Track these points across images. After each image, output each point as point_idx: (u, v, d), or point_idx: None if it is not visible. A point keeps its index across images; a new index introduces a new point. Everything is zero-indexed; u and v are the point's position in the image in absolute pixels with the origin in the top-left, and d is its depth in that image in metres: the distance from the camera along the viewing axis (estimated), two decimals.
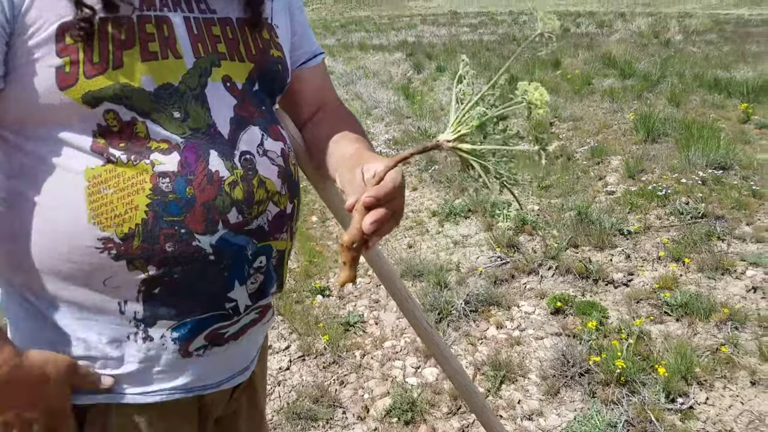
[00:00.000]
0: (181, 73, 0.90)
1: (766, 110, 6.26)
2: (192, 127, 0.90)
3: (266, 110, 1.03)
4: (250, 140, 0.96)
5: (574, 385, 2.61)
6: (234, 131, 0.94)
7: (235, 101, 0.96)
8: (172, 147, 0.88)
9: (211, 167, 0.90)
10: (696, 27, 13.49)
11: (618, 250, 3.71)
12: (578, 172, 4.96)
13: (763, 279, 3.19)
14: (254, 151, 0.96)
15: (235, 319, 0.98)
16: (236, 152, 0.93)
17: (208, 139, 0.91)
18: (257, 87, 1.01)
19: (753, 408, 2.35)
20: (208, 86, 0.93)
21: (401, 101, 7.95)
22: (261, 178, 0.96)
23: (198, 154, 0.89)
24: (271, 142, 1.00)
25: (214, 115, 0.92)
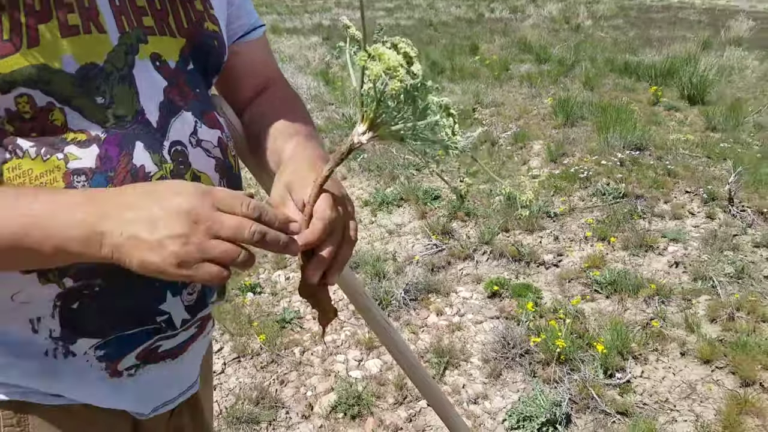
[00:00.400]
0: (106, 51, 0.77)
1: (673, 93, 6.61)
2: (117, 114, 0.78)
3: (201, 93, 0.91)
4: (182, 129, 0.84)
5: (516, 366, 2.67)
6: (164, 118, 0.82)
7: (166, 83, 0.84)
8: (91, 139, 0.75)
9: (136, 161, 0.78)
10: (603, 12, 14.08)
11: (546, 232, 3.82)
12: (503, 158, 5.06)
13: (683, 254, 3.37)
14: (186, 141, 0.85)
15: (170, 333, 0.87)
16: (166, 143, 0.81)
17: (135, 128, 0.79)
18: (191, 66, 0.89)
19: (684, 378, 2.48)
20: (136, 65, 0.80)
21: (321, 87, 7.84)
22: (195, 172, 0.85)
23: (121, 146, 0.77)
24: (206, 130, 0.88)
25: (142, 100, 0.80)
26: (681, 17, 14.21)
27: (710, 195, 3.97)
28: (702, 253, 3.37)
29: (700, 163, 4.64)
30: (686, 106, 6.24)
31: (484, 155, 5.10)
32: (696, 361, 2.56)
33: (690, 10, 15.89)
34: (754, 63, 7.76)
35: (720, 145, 4.91)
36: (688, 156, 4.79)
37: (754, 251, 3.37)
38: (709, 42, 9.20)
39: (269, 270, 3.58)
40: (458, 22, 14.87)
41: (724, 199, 3.87)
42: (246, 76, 1.08)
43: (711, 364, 2.53)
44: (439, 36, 12.33)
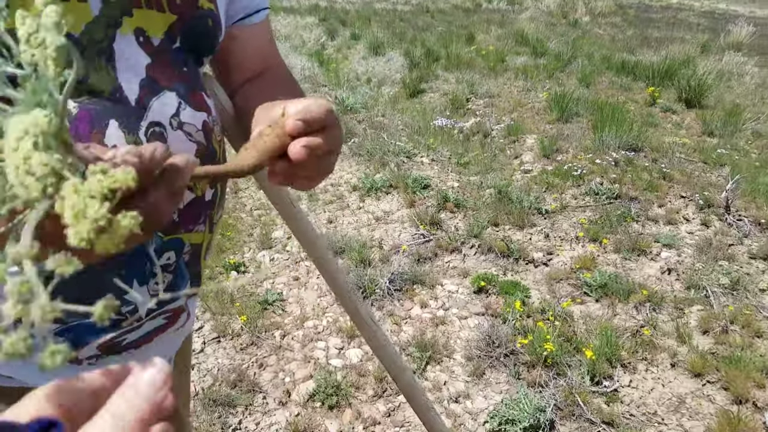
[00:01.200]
0: (84, 21, 0.70)
1: (670, 94, 6.53)
2: (91, 89, 0.71)
3: (189, 73, 0.84)
4: (163, 109, 0.78)
5: (500, 367, 2.57)
6: (144, 97, 0.76)
7: (149, 60, 0.77)
8: None
9: (108, 141, 0.72)
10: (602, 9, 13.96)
11: (537, 229, 3.71)
12: (495, 150, 4.95)
13: (676, 261, 3.29)
14: (166, 122, 0.78)
15: (135, 324, 0.82)
16: (143, 123, 0.75)
17: (110, 105, 0.73)
18: (178, 44, 0.82)
19: (673, 390, 2.39)
20: (117, 39, 0.73)
21: (315, 68, 7.66)
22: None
23: (93, 123, 0.71)
24: (190, 112, 0.82)
25: (120, 76, 0.74)
26: (680, 18, 14.15)
27: (706, 201, 3.88)
28: (696, 261, 3.28)
29: (697, 168, 4.56)
30: (683, 109, 6.16)
31: (476, 147, 4.98)
32: (686, 374, 2.48)
33: (689, 12, 15.84)
34: (754, 69, 7.70)
35: (717, 151, 4.84)
36: (684, 160, 4.70)
37: (750, 262, 3.28)
38: (708, 45, 9.13)
39: (254, 249, 3.46)
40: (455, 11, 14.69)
41: (720, 207, 3.79)
42: (243, 62, 1.01)
43: (702, 378, 2.44)
44: (435, 23, 12.16)
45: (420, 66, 7.71)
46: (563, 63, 8.08)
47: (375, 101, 6.19)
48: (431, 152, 4.84)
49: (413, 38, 9.80)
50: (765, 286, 3.04)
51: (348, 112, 5.80)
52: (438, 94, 6.70)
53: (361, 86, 6.83)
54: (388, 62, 7.95)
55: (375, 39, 9.04)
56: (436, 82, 7.18)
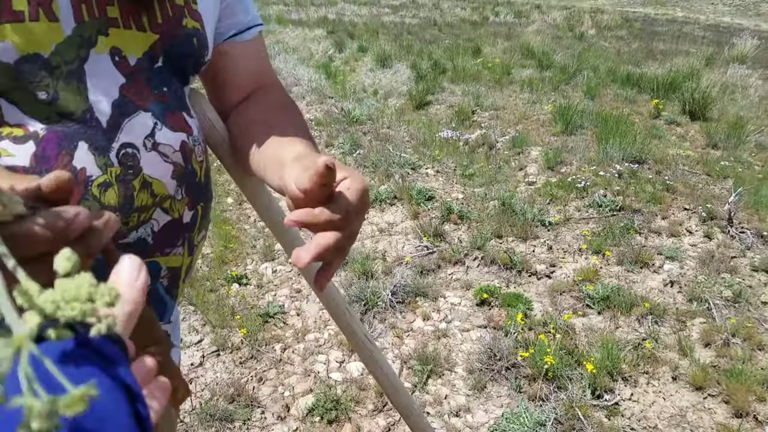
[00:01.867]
0: (55, 42, 0.69)
1: (674, 107, 6.54)
2: (61, 111, 0.70)
3: (168, 93, 0.82)
4: (136, 130, 0.76)
5: (501, 380, 2.57)
6: (116, 118, 0.74)
7: (124, 80, 0.76)
8: (28, 135, 0.68)
9: (77, 163, 0.70)
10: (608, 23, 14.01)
11: (540, 241, 3.72)
12: (500, 162, 4.97)
13: (679, 273, 3.29)
14: (140, 143, 0.76)
15: None
16: (114, 145, 0.74)
17: (80, 127, 0.71)
18: (161, 63, 0.81)
19: (675, 403, 2.39)
20: (90, 60, 0.72)
21: (323, 80, 7.72)
22: (146, 178, 0.76)
23: (61, 145, 0.69)
24: (166, 132, 0.80)
25: (91, 97, 0.72)
26: (685, 32, 14.17)
27: (709, 214, 3.88)
28: (698, 273, 3.28)
29: (700, 181, 4.56)
30: (687, 121, 6.17)
31: (480, 158, 5.00)
32: (688, 387, 2.47)
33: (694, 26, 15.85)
34: (758, 82, 7.70)
35: (720, 163, 4.84)
36: (687, 172, 4.71)
37: (753, 275, 3.28)
38: (712, 58, 9.14)
39: (257, 261, 3.48)
40: (463, 24, 14.77)
41: (723, 219, 3.79)
42: (235, 79, 0.99)
43: (703, 391, 2.44)
44: (443, 36, 12.23)
45: (426, 78, 7.76)
46: (569, 76, 8.12)
47: (381, 113, 6.23)
48: (436, 164, 4.87)
49: (420, 51, 9.85)
50: (767, 299, 3.03)
51: (354, 124, 5.84)
52: (444, 106, 6.74)
53: (368, 98, 6.87)
54: (395, 74, 8.01)
55: (382, 51, 9.10)
56: (443, 95, 7.22)
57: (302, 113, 1.01)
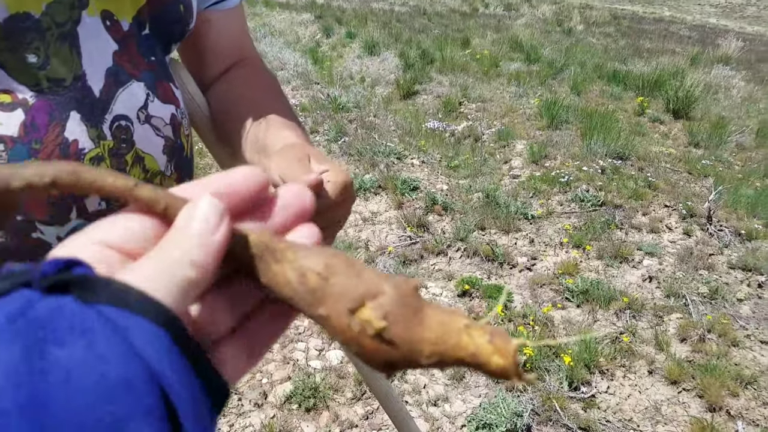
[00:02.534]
0: (45, 2, 0.64)
1: (658, 105, 6.59)
2: (51, 77, 0.65)
3: (156, 62, 0.78)
4: (130, 101, 0.72)
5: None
6: (109, 87, 0.70)
7: (117, 46, 0.71)
8: (17, 102, 0.63)
9: (68, 135, 0.66)
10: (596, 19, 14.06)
11: (522, 234, 3.74)
12: (485, 154, 4.98)
13: (658, 269, 3.33)
14: (133, 116, 0.73)
15: None
16: (107, 116, 0.70)
17: (72, 95, 0.67)
18: (147, 30, 0.76)
19: (650, 397, 2.43)
20: (82, 22, 0.67)
21: (309, 65, 7.67)
22: (138, 152, 0.73)
23: (52, 114, 0.65)
24: (158, 105, 0.77)
25: (84, 63, 0.68)
26: (672, 31, 14.27)
27: (689, 211, 3.93)
28: (677, 269, 3.33)
29: (681, 178, 4.61)
30: (671, 120, 6.23)
31: (466, 150, 5.01)
32: (663, 381, 2.51)
33: (681, 25, 15.97)
34: (740, 83, 7.79)
35: (701, 162, 4.89)
36: (669, 170, 4.76)
37: (729, 272, 3.33)
38: (697, 58, 9.22)
39: None
40: (452, 14, 14.73)
41: (702, 217, 3.84)
42: (216, 48, 0.95)
43: (678, 386, 2.48)
44: (432, 26, 12.19)
45: (414, 67, 7.73)
46: (556, 70, 8.14)
47: (368, 101, 6.21)
48: (422, 154, 4.87)
49: (409, 39, 9.81)
50: (742, 296, 3.08)
51: (340, 111, 5.81)
52: (431, 96, 6.72)
53: (355, 85, 6.84)
54: (383, 62, 7.97)
55: (370, 38, 9.05)
56: (430, 85, 7.21)
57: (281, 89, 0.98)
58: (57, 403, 0.20)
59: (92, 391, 0.21)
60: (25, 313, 0.22)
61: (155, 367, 0.23)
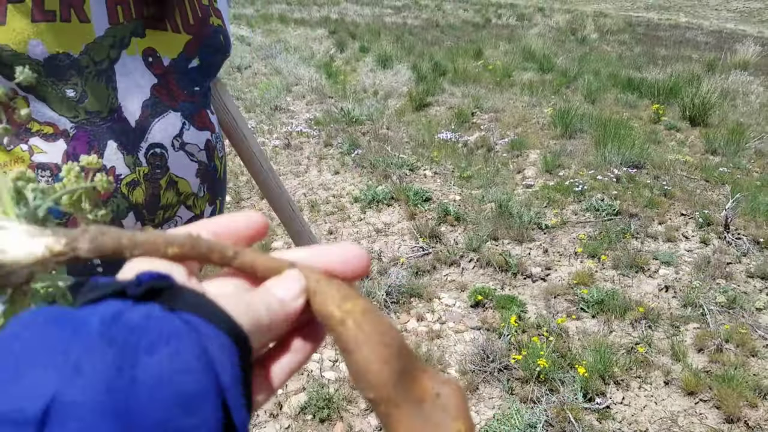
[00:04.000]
0: (85, 42, 0.70)
1: (674, 112, 6.54)
2: (89, 109, 0.71)
3: (199, 92, 0.85)
4: (166, 130, 0.78)
5: (494, 381, 2.57)
6: (145, 118, 0.76)
7: (155, 80, 0.78)
8: (58, 132, 0.69)
9: (106, 162, 0.73)
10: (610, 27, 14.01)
11: (536, 243, 3.72)
12: (498, 164, 4.97)
13: (674, 278, 3.28)
14: (168, 143, 0.79)
15: None
16: (143, 144, 0.76)
17: (109, 126, 0.73)
18: (196, 63, 0.83)
19: (666, 408, 2.39)
20: (121, 60, 0.73)
21: (323, 80, 7.73)
22: (172, 177, 0.79)
23: (91, 144, 0.71)
24: (193, 132, 0.83)
25: (121, 97, 0.74)
26: (688, 37, 14.17)
27: (706, 219, 3.88)
28: (694, 279, 3.28)
29: (698, 186, 4.56)
30: (687, 127, 6.17)
31: (479, 161, 5.00)
32: (680, 392, 2.47)
33: (697, 31, 15.85)
34: (759, 89, 7.70)
35: (719, 170, 4.84)
36: (685, 178, 4.71)
37: (748, 281, 3.28)
38: (714, 64, 9.14)
39: None
40: (465, 25, 14.77)
41: (719, 225, 3.79)
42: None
43: (695, 396, 2.44)
44: (444, 38, 12.24)
45: (427, 79, 7.76)
46: (569, 79, 8.12)
47: (381, 113, 6.24)
48: (434, 165, 4.87)
49: (421, 52, 9.86)
50: (761, 305, 3.03)
51: (353, 124, 5.84)
52: (444, 107, 6.74)
53: (368, 98, 6.88)
54: (396, 75, 8.01)
55: (383, 52, 9.10)
56: (443, 96, 7.22)
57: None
58: (141, 412, 0.21)
59: (174, 403, 0.22)
60: (119, 318, 0.24)
61: (224, 382, 0.24)
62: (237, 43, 10.13)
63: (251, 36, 11.10)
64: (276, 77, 7.80)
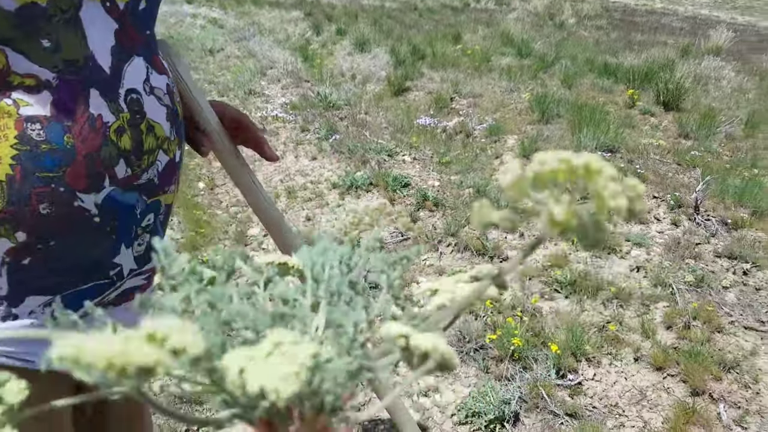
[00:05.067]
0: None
1: (649, 97, 6.64)
2: (66, 58, 0.72)
3: (150, 36, 0.87)
4: (137, 75, 0.80)
5: (470, 361, 2.64)
6: (116, 64, 0.78)
7: (116, 25, 0.78)
8: (41, 84, 0.70)
9: (93, 110, 0.74)
10: (588, 12, 14.09)
11: None
12: (477, 150, 5.02)
13: (645, 259, 3.37)
14: (141, 88, 0.81)
15: (118, 284, 0.85)
16: (121, 91, 0.78)
17: (87, 74, 0.74)
18: (144, 4, 0.83)
19: (635, 383, 2.48)
20: (84, 7, 0.74)
21: (299, 63, 7.70)
22: (149, 122, 0.81)
23: (76, 93, 0.73)
24: (156, 76, 0.85)
25: (91, 45, 0.75)
26: (663, 23, 14.31)
27: (677, 202, 3.98)
28: (664, 259, 3.37)
29: (670, 170, 4.65)
30: (661, 112, 6.27)
31: (458, 146, 5.05)
32: (649, 368, 2.56)
33: (673, 17, 16.00)
34: (731, 74, 7.83)
35: (690, 153, 4.94)
36: (658, 161, 4.80)
37: (715, 261, 3.38)
38: (688, 49, 9.26)
39: (228, 247, 3.49)
40: (444, 9, 14.74)
41: (690, 207, 3.89)
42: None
43: (663, 372, 2.53)
44: (423, 22, 12.22)
45: (405, 64, 7.77)
46: (547, 64, 8.17)
47: (359, 98, 6.25)
48: (413, 151, 4.91)
49: (400, 36, 9.84)
50: (728, 284, 3.13)
51: (330, 109, 5.85)
52: (423, 92, 6.76)
53: (345, 83, 6.87)
54: (374, 59, 8.00)
55: (361, 35, 9.07)
56: (421, 81, 7.24)
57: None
58: None
59: None
60: None
61: None
62: (209, 25, 10.03)
63: (224, 18, 10.98)
64: (250, 60, 7.74)
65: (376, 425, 2.35)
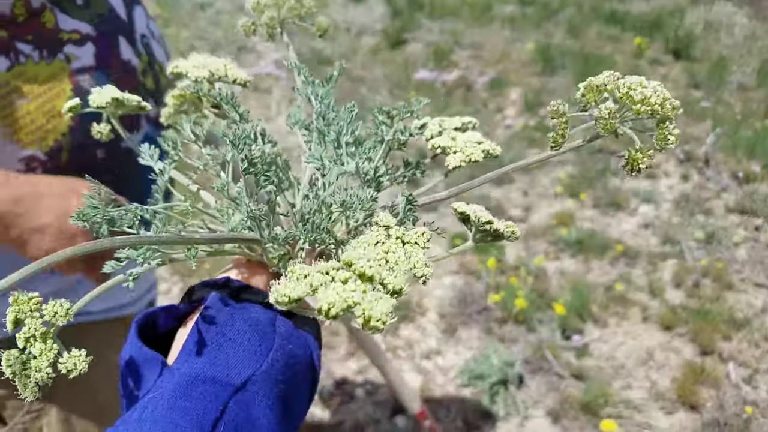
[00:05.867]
0: None
1: (658, 46, 6.42)
2: (96, 12, 0.79)
3: None
4: (142, 21, 0.87)
5: (472, 324, 2.58)
6: (128, 13, 0.85)
7: None
8: (84, 37, 0.77)
9: (124, 56, 0.81)
10: None
11: (515, 186, 3.68)
12: (478, 104, 4.87)
13: (654, 215, 3.27)
14: (148, 33, 0.88)
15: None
16: (136, 36, 0.85)
17: (114, 24, 0.81)
18: None
19: (643, 343, 2.41)
20: None
21: None
22: (159, 64, 0.88)
23: (110, 42, 0.80)
24: (150, 21, 0.92)
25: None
26: None
27: (687, 155, 3.85)
28: (673, 215, 3.27)
29: (679, 122, 4.50)
30: (670, 61, 6.07)
31: (458, 101, 4.90)
32: (656, 327, 2.49)
33: None
34: (743, 20, 7.56)
35: (701, 104, 4.78)
36: None
37: (726, 216, 3.27)
38: None
39: None
40: None
41: (700, 161, 3.76)
42: None
43: (671, 331, 2.46)
44: None
45: (403, 14, 7.52)
46: (551, 12, 7.91)
47: (354, 52, 6.06)
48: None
49: None
50: (738, 240, 3.04)
51: (324, 64, 5.67)
52: (421, 44, 6.55)
53: (340, 36, 6.67)
54: (369, 10, 7.75)
55: None
56: (419, 32, 7.01)
57: None
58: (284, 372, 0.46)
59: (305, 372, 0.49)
60: (275, 326, 0.48)
61: (314, 354, 0.51)
62: None
63: None
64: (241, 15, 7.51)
65: (377, 389, 2.30)
